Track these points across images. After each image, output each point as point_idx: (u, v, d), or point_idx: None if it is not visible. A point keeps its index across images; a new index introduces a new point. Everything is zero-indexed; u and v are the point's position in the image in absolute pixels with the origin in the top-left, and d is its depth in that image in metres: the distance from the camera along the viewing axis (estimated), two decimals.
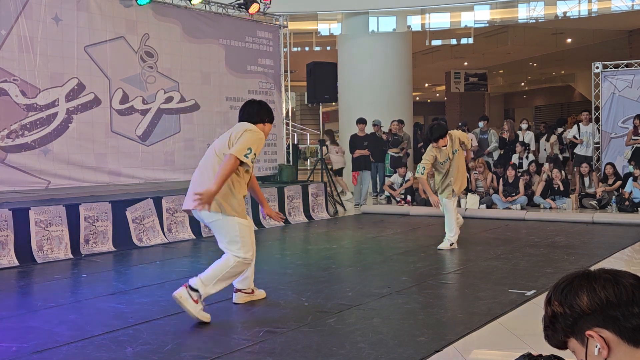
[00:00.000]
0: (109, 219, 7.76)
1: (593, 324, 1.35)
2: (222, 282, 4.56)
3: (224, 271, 4.54)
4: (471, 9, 15.79)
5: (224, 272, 4.54)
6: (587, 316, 1.36)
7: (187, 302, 4.42)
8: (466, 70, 24.36)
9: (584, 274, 1.42)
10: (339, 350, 3.85)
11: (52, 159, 7.98)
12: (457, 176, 7.59)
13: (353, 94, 15.23)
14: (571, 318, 1.38)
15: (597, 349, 1.35)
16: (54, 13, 8.05)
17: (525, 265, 6.49)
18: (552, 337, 1.45)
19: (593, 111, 13.07)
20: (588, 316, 1.36)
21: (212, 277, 4.51)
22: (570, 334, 1.40)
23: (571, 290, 1.40)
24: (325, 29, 17.22)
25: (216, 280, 4.51)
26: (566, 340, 1.42)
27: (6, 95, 7.58)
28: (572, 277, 1.43)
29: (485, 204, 11.45)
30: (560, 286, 1.43)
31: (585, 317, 1.36)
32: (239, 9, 10.49)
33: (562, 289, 1.42)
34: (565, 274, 1.46)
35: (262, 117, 4.89)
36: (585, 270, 1.44)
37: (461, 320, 4.48)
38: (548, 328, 1.45)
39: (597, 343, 1.34)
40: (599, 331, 1.34)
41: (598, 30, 18.55)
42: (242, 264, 4.60)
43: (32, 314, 4.81)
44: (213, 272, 4.55)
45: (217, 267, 4.57)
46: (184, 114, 9.61)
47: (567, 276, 1.45)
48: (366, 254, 7.42)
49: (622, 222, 9.67)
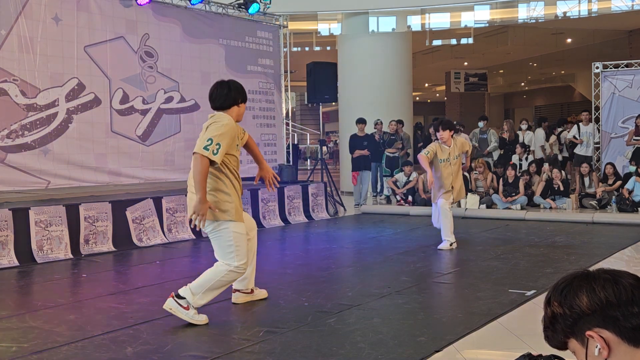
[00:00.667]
0: (109, 219, 7.76)
1: (593, 325, 1.35)
2: (212, 291, 4.47)
3: (214, 280, 4.44)
4: (471, 9, 15.78)
5: (214, 281, 4.44)
6: (587, 317, 1.36)
7: (179, 311, 4.39)
8: (466, 70, 24.36)
9: (583, 275, 1.42)
10: (339, 350, 3.85)
11: (52, 159, 7.98)
12: (456, 181, 7.60)
13: (353, 94, 15.22)
14: (571, 319, 1.38)
15: (597, 349, 1.34)
16: (54, 13, 8.05)
17: (525, 265, 6.49)
18: (552, 338, 1.45)
19: (593, 111, 13.07)
20: (588, 317, 1.36)
21: (201, 287, 4.42)
22: (570, 335, 1.40)
23: (570, 290, 1.39)
24: (325, 29, 17.22)
25: (205, 289, 4.43)
26: (566, 340, 1.42)
27: (6, 95, 7.58)
28: (572, 278, 1.42)
29: (485, 204, 11.44)
30: (560, 287, 1.43)
31: (585, 317, 1.36)
32: (239, 9, 10.49)
33: (561, 289, 1.42)
34: (565, 274, 1.46)
35: (236, 99, 4.61)
36: (585, 270, 1.44)
37: (461, 320, 4.48)
38: (548, 329, 1.44)
39: (597, 343, 1.34)
40: (599, 331, 1.34)
41: (598, 30, 18.55)
42: (234, 273, 4.48)
43: (32, 314, 4.80)
44: (202, 281, 4.46)
45: (207, 276, 4.48)
46: (184, 114, 9.61)
47: (566, 277, 1.44)
48: (366, 254, 7.41)
49: (622, 222, 9.67)
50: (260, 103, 10.79)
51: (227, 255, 4.46)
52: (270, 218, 9.85)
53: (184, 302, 4.39)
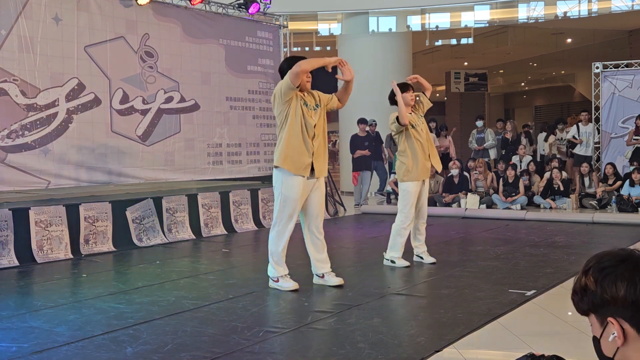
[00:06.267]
0: (109, 219, 7.76)
1: (618, 314, 1.35)
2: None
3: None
4: (471, 9, 15.79)
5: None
6: (616, 306, 1.35)
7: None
8: (466, 70, 24.34)
9: (631, 261, 1.38)
10: (339, 350, 3.85)
11: (52, 159, 7.98)
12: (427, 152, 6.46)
13: (353, 94, 15.01)
14: (600, 300, 1.37)
15: (613, 336, 1.35)
16: (54, 13, 8.05)
17: (525, 265, 6.49)
18: (577, 303, 1.45)
19: (593, 111, 13.07)
20: (617, 307, 1.35)
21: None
22: (594, 312, 1.40)
23: (612, 274, 1.37)
24: (325, 29, 17.23)
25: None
26: (588, 313, 1.42)
27: (6, 95, 7.58)
28: (619, 261, 1.38)
29: (485, 204, 11.45)
30: (603, 263, 1.40)
31: (615, 306, 1.35)
32: (239, 9, 10.49)
33: (603, 267, 1.39)
34: (608, 250, 1.42)
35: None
36: (634, 253, 1.40)
37: (461, 320, 4.48)
38: (576, 294, 1.44)
39: (615, 331, 1.34)
40: (621, 322, 1.34)
41: (598, 30, 18.54)
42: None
43: (32, 314, 4.80)
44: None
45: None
46: (184, 114, 9.61)
47: (613, 255, 1.41)
48: (366, 254, 7.41)
49: (622, 222, 9.67)
50: (260, 103, 10.79)
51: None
52: (270, 218, 9.83)
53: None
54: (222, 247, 8.14)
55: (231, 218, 9.28)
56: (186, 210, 8.69)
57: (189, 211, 8.72)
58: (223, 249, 8.03)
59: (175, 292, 5.43)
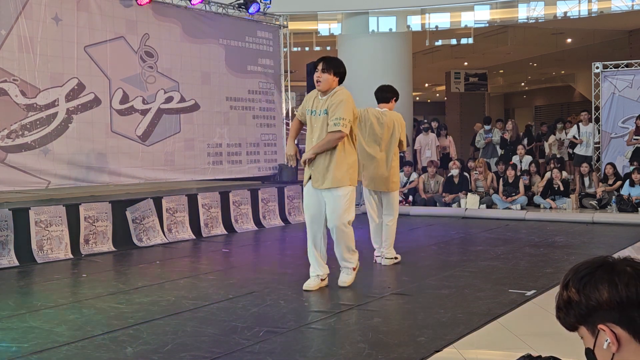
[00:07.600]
0: (109, 219, 7.76)
1: (607, 319, 1.33)
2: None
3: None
4: (471, 9, 15.77)
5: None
6: (603, 311, 1.33)
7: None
8: (466, 70, 24.33)
9: (607, 266, 1.37)
10: (339, 350, 3.85)
11: (52, 159, 7.98)
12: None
13: (353, 93, 15.09)
14: (586, 309, 1.35)
15: (606, 342, 1.33)
16: (54, 13, 8.05)
17: (525, 265, 6.49)
18: (563, 319, 1.42)
19: (593, 111, 13.06)
20: (604, 311, 1.33)
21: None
22: (582, 323, 1.38)
23: (591, 280, 1.36)
24: (325, 29, 17.21)
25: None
26: (577, 326, 1.40)
27: (6, 95, 7.58)
28: (595, 267, 1.38)
29: (485, 204, 11.44)
30: (581, 273, 1.38)
31: (601, 311, 1.33)
32: (239, 9, 10.49)
33: (582, 276, 1.38)
34: (586, 258, 1.41)
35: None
36: (609, 259, 1.40)
37: (461, 320, 4.48)
38: (561, 311, 1.42)
39: (608, 338, 1.33)
40: (611, 326, 1.32)
41: (598, 30, 18.53)
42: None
43: (32, 314, 4.80)
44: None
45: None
46: (184, 114, 9.61)
47: (588, 263, 1.40)
48: (366, 254, 7.41)
49: (622, 222, 9.67)
50: (260, 103, 10.79)
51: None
52: (270, 218, 9.85)
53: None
54: (222, 247, 8.14)
55: (231, 218, 9.28)
56: (186, 210, 8.68)
57: (189, 211, 8.71)
58: (223, 249, 8.03)
59: (175, 292, 5.43)
